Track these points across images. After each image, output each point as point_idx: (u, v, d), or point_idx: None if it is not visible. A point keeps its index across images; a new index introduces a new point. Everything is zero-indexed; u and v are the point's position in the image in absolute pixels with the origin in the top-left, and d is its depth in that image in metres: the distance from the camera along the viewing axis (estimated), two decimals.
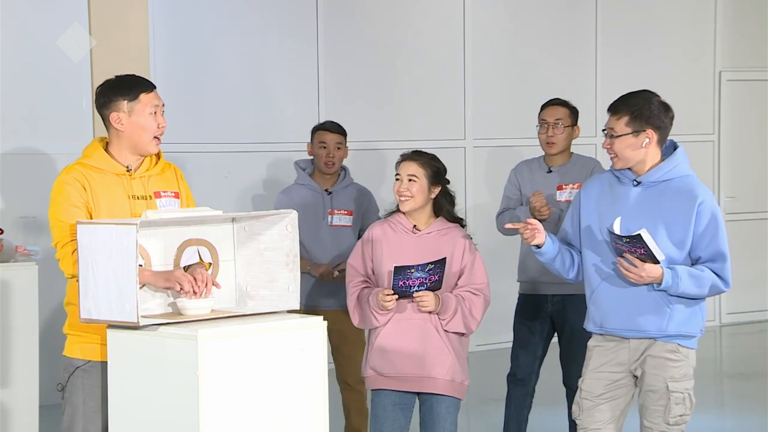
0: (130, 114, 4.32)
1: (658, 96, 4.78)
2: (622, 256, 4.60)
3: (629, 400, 4.84)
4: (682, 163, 4.72)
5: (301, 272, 6.12)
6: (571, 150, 6.25)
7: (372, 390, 5.16)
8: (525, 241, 4.80)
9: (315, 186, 6.27)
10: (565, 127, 6.16)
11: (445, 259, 4.92)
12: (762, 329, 11.00)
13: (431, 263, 4.89)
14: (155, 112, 4.35)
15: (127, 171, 4.34)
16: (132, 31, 8.29)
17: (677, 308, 4.65)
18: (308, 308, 6.07)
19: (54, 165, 7.70)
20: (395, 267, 4.90)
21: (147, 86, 4.37)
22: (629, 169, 4.73)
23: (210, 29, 8.91)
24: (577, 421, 4.86)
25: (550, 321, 6.13)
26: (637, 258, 4.56)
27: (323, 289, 6.17)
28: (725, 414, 8.11)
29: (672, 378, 4.67)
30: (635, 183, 4.71)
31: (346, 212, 6.23)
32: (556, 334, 6.16)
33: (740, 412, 7.94)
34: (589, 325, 4.86)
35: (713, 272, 4.64)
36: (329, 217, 6.22)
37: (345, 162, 6.45)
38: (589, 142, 9.73)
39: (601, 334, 4.81)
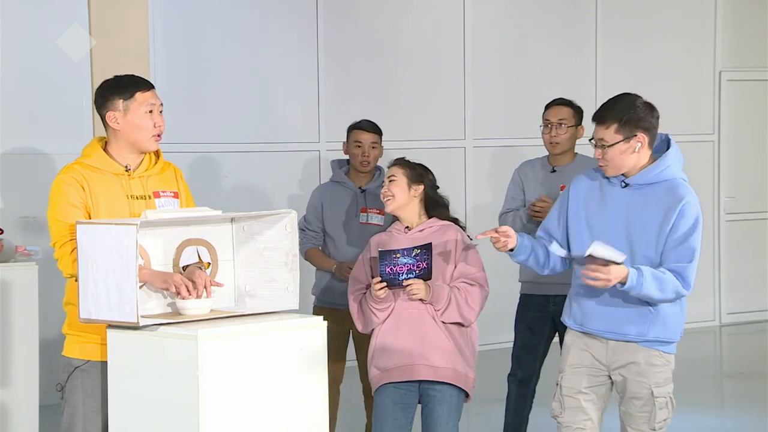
0: (126, 113, 4.32)
1: (641, 97, 4.70)
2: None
3: (608, 401, 4.80)
4: (672, 165, 4.64)
5: (325, 271, 6.21)
6: (575, 150, 6.25)
7: (375, 390, 5.18)
8: (498, 249, 4.73)
9: (349, 183, 6.29)
10: (568, 127, 6.16)
11: (430, 244, 4.97)
12: (762, 329, 11.00)
13: (417, 248, 4.94)
14: (151, 111, 4.34)
15: (126, 171, 4.34)
16: (132, 31, 8.29)
17: (659, 314, 4.60)
18: (326, 306, 6.12)
19: (54, 165, 7.71)
20: (380, 251, 4.97)
21: (143, 85, 4.37)
22: None
23: (210, 29, 8.91)
24: (559, 420, 4.77)
25: (552, 321, 6.13)
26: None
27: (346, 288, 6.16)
28: (725, 414, 8.11)
29: (656, 384, 4.63)
30: (623, 184, 4.65)
31: (378, 211, 6.23)
32: (557, 334, 6.15)
33: (740, 412, 7.93)
34: (568, 321, 4.80)
35: (676, 272, 4.51)
36: (362, 214, 6.24)
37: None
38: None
39: (579, 332, 4.76)
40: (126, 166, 4.35)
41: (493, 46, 10.11)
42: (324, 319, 4.05)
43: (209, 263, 4.19)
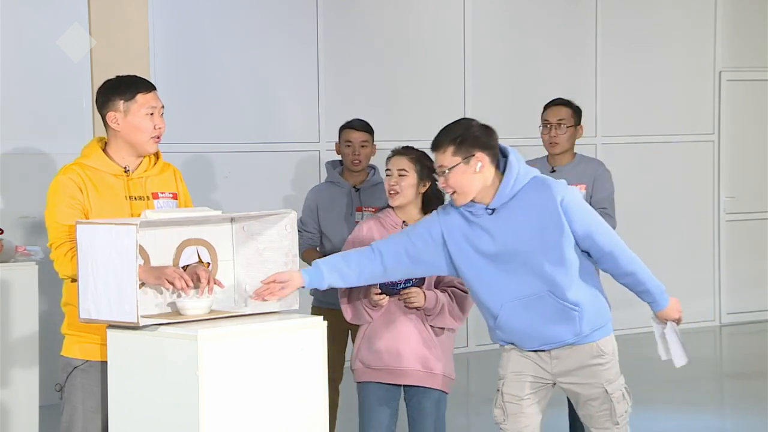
0: (126, 114, 4.31)
1: (476, 120, 4.63)
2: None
3: (549, 398, 4.75)
4: (521, 171, 4.53)
5: None
6: (574, 150, 6.25)
7: (358, 383, 5.20)
8: (268, 299, 4.29)
9: (343, 183, 6.30)
10: (568, 127, 6.16)
11: None
12: (762, 329, 11.00)
13: None
14: (152, 113, 4.33)
15: (125, 172, 4.34)
16: (132, 31, 8.30)
17: (583, 307, 4.52)
18: (325, 306, 6.11)
19: (54, 165, 7.70)
20: None
21: (145, 87, 4.36)
22: (473, 202, 4.52)
23: (210, 29, 8.91)
24: (502, 426, 4.71)
25: None
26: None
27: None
28: (725, 414, 8.11)
29: (608, 381, 4.59)
30: (490, 212, 4.51)
31: (374, 210, 6.24)
32: None
33: (740, 412, 7.94)
34: (501, 342, 4.70)
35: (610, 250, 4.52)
36: (357, 213, 6.25)
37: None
38: (589, 142, 9.73)
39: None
40: (125, 167, 4.35)
41: (493, 46, 10.11)
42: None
43: (209, 263, 4.19)
